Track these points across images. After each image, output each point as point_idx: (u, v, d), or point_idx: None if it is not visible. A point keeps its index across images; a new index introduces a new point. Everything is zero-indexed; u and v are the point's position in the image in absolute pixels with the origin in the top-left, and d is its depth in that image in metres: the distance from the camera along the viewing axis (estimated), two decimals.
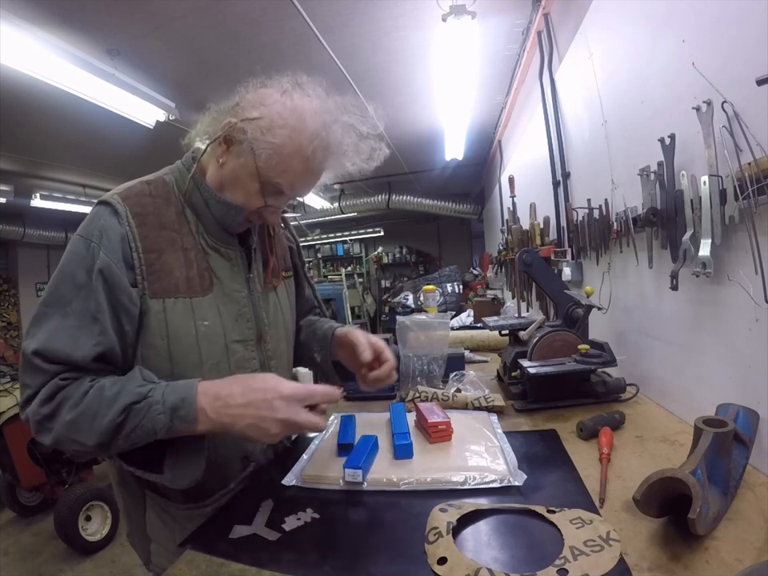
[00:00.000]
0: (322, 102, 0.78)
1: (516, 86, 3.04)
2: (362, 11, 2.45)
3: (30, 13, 2.18)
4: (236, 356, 0.85)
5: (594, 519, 0.63)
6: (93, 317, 0.72)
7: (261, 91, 0.79)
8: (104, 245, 0.73)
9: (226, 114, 0.78)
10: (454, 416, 0.98)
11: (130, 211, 0.76)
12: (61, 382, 0.70)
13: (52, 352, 0.70)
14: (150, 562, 0.91)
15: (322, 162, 0.80)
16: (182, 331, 0.78)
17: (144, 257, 0.76)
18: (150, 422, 0.68)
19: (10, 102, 2.99)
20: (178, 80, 3.11)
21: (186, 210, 0.83)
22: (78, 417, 0.68)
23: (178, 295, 0.78)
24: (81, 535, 2.54)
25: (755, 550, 0.56)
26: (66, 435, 0.69)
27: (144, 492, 0.88)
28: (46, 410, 0.69)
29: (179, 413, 0.68)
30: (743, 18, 0.80)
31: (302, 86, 0.78)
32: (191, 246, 0.82)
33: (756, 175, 0.73)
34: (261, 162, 0.75)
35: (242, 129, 0.75)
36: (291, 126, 0.75)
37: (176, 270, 0.79)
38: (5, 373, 2.81)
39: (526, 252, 1.37)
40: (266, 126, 0.74)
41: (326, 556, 0.61)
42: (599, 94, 1.53)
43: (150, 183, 0.83)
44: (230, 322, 0.85)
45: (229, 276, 0.86)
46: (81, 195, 5.58)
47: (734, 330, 0.87)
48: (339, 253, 9.52)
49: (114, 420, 0.67)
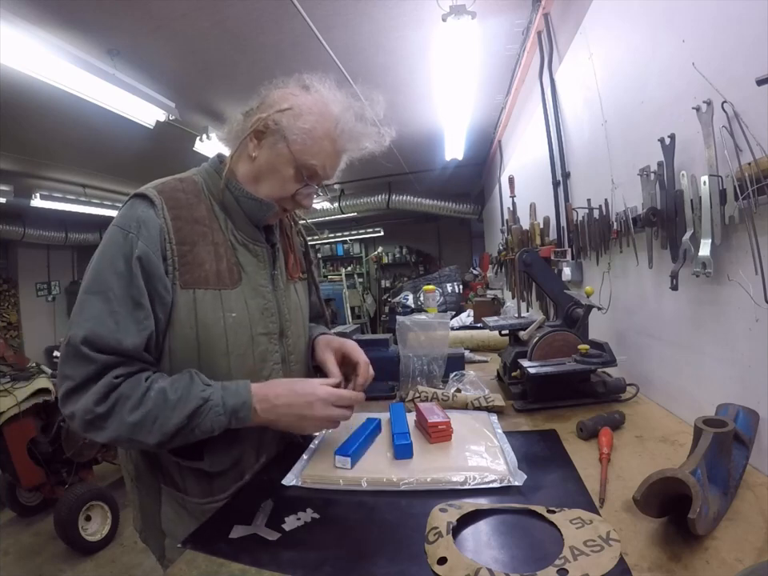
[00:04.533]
0: (337, 92, 0.88)
1: (516, 86, 3.04)
2: (362, 11, 2.45)
3: (29, 13, 2.18)
4: (260, 348, 0.89)
5: (594, 519, 0.63)
6: (137, 302, 0.75)
7: (282, 90, 0.87)
8: (142, 234, 0.76)
9: (251, 115, 0.86)
10: (454, 416, 0.98)
11: (166, 204, 0.80)
12: (114, 380, 0.72)
13: (102, 339, 0.71)
14: (164, 557, 0.91)
15: (344, 143, 0.87)
16: (210, 321, 0.81)
17: (177, 248, 0.79)
18: (210, 422, 0.74)
19: (10, 102, 2.99)
20: (178, 80, 3.11)
21: (215, 207, 0.88)
22: (142, 419, 0.72)
23: (208, 287, 0.82)
24: (81, 535, 2.54)
25: (755, 550, 0.56)
26: (127, 436, 0.72)
27: (160, 487, 0.89)
28: (101, 409, 0.71)
29: (239, 414, 0.76)
30: (743, 18, 0.80)
31: (317, 81, 0.87)
32: (221, 241, 0.86)
33: (756, 175, 0.73)
34: (295, 146, 0.83)
35: (273, 120, 0.83)
36: (318, 112, 0.84)
37: (207, 262, 0.82)
38: (5, 373, 2.81)
39: (526, 252, 1.37)
40: (296, 114, 0.82)
41: (325, 556, 0.61)
42: (599, 94, 1.53)
43: (182, 181, 0.87)
44: (256, 314, 0.88)
45: (255, 271, 0.90)
46: (81, 195, 5.58)
47: (734, 330, 0.87)
48: (339, 253, 9.51)
49: (179, 423, 0.73)
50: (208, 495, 0.87)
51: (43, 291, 7.60)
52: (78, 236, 6.91)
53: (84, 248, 7.41)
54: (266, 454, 0.93)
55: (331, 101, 0.86)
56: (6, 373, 2.81)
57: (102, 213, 5.65)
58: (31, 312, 7.29)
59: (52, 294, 7.72)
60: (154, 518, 0.91)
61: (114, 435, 0.72)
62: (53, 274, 7.75)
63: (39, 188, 5.13)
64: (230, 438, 0.82)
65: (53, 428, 2.80)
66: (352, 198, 6.82)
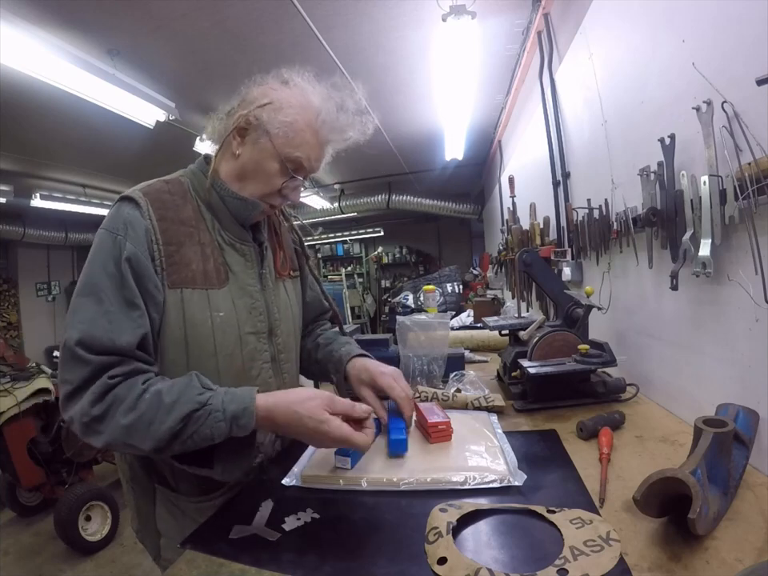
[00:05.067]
0: (316, 84, 0.88)
1: (516, 86, 3.04)
2: (362, 11, 2.45)
3: (29, 13, 2.18)
4: (248, 347, 0.88)
5: (594, 519, 0.63)
6: (130, 302, 0.75)
7: (261, 86, 0.87)
8: (130, 236, 0.77)
9: (232, 113, 0.86)
10: (454, 416, 0.98)
11: (151, 206, 0.81)
12: (110, 381, 0.70)
13: (96, 340, 0.70)
14: (160, 557, 0.92)
15: (327, 134, 0.87)
16: (198, 321, 0.81)
17: (164, 249, 0.79)
18: (209, 429, 0.70)
19: (10, 102, 2.99)
20: (178, 80, 3.11)
21: (201, 208, 0.88)
22: (135, 422, 0.69)
23: (195, 286, 0.82)
24: (81, 535, 2.54)
25: (755, 550, 0.56)
26: (121, 440, 0.70)
27: (154, 487, 0.89)
28: (96, 410, 0.69)
29: (240, 422, 0.71)
30: (743, 18, 0.80)
31: (296, 75, 0.88)
32: (207, 242, 0.86)
33: (756, 175, 0.73)
34: (278, 140, 0.83)
35: (254, 116, 0.83)
36: (298, 104, 0.84)
37: (193, 263, 0.83)
38: (5, 373, 2.81)
39: (526, 252, 1.37)
40: (277, 108, 0.83)
41: (325, 556, 0.61)
42: (599, 94, 1.53)
43: (168, 182, 0.88)
44: (243, 314, 0.88)
45: (243, 271, 0.90)
46: (81, 195, 5.58)
47: (734, 330, 0.87)
48: (339, 253, 9.51)
49: (173, 427, 0.69)
50: (201, 494, 0.87)
51: (43, 291, 7.59)
52: (78, 236, 6.90)
53: (84, 248, 7.38)
54: (262, 454, 0.93)
55: (311, 93, 0.86)
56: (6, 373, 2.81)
57: (102, 213, 5.61)
58: (31, 312, 7.28)
59: (52, 294, 7.71)
60: (149, 518, 0.91)
61: (109, 439, 0.70)
62: (53, 274, 7.75)
63: (39, 188, 5.13)
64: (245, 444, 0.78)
65: (53, 428, 2.80)
66: (352, 198, 6.82)
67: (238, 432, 0.72)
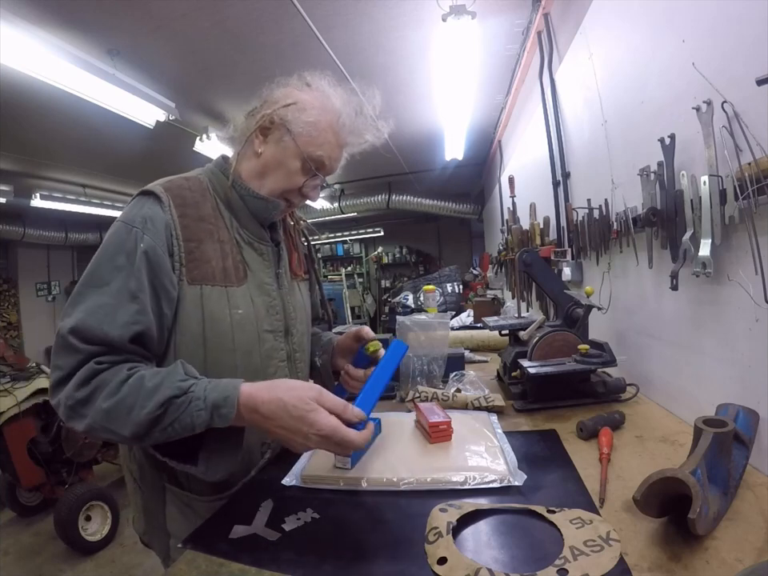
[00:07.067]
0: (336, 87, 0.91)
1: (516, 86, 3.03)
2: (362, 11, 2.45)
3: (30, 13, 2.17)
4: (266, 345, 0.89)
5: (594, 519, 0.63)
6: (132, 296, 0.73)
7: (285, 88, 0.89)
8: (148, 229, 0.77)
9: (254, 114, 0.89)
10: (454, 416, 0.97)
11: (173, 201, 0.81)
12: (97, 366, 0.69)
13: (89, 330, 0.70)
14: (170, 558, 0.90)
15: (346, 136, 0.90)
16: (217, 317, 0.82)
17: (184, 245, 0.80)
18: (189, 417, 0.67)
19: (10, 102, 2.99)
20: (178, 80, 3.11)
21: (219, 206, 0.89)
22: (115, 406, 0.67)
23: (214, 283, 0.82)
24: (81, 535, 2.54)
25: (755, 550, 0.56)
26: (101, 424, 0.68)
27: (164, 487, 0.88)
28: (80, 394, 0.68)
29: (220, 411, 0.67)
30: (743, 18, 0.80)
31: (317, 78, 0.90)
32: (227, 239, 0.87)
33: (756, 175, 0.73)
34: (301, 139, 0.85)
35: (278, 115, 0.85)
36: (321, 106, 0.87)
37: (213, 259, 0.83)
38: (5, 373, 2.81)
39: (526, 252, 1.37)
40: (301, 108, 0.85)
41: (325, 556, 0.61)
42: (599, 94, 1.53)
43: (188, 179, 0.88)
44: (261, 312, 0.89)
45: (260, 269, 0.91)
46: (81, 195, 5.58)
47: (734, 330, 0.87)
48: (339, 253, 9.51)
49: (152, 413, 0.66)
50: (214, 492, 0.86)
51: (43, 291, 7.59)
52: (78, 236, 6.91)
53: (84, 248, 7.40)
54: (270, 450, 0.92)
55: (332, 96, 0.88)
56: (6, 373, 2.82)
57: (102, 213, 5.64)
58: (31, 312, 7.28)
59: (52, 294, 7.71)
60: (159, 519, 0.90)
61: (90, 422, 0.68)
62: (53, 274, 7.74)
63: (39, 188, 5.13)
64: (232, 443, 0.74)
65: (53, 428, 2.80)
66: (352, 198, 6.82)
67: (219, 422, 0.67)
